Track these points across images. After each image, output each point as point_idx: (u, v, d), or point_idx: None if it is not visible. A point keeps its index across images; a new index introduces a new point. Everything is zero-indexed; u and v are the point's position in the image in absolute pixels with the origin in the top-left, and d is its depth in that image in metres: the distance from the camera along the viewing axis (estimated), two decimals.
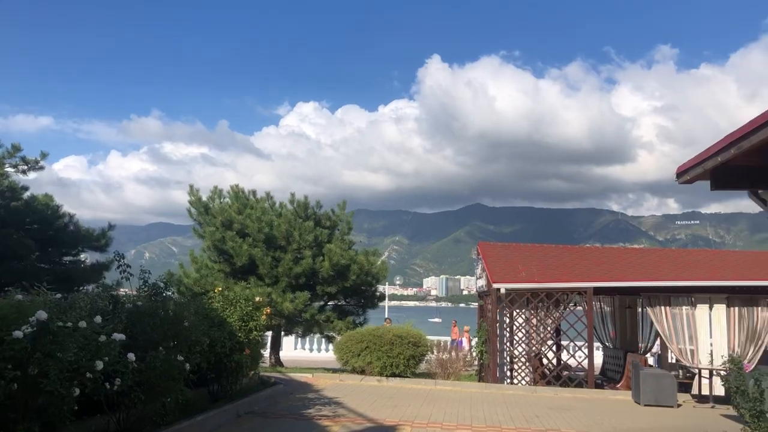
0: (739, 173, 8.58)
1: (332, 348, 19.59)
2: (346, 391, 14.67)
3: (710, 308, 17.66)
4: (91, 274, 17.63)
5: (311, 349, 28.22)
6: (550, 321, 19.06)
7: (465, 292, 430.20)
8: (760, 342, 17.66)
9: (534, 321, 18.88)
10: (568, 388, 17.35)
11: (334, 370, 18.65)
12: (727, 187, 8.74)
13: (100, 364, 6.50)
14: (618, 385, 19.71)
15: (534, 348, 18.90)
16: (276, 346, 20.38)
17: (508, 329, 19.09)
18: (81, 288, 14.97)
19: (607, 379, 20.79)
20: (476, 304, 23.44)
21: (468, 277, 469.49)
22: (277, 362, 19.64)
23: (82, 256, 17.93)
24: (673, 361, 20.61)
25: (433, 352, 17.89)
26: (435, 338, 22.00)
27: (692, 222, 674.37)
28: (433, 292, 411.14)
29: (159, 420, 8.23)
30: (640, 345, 22.63)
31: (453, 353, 18.26)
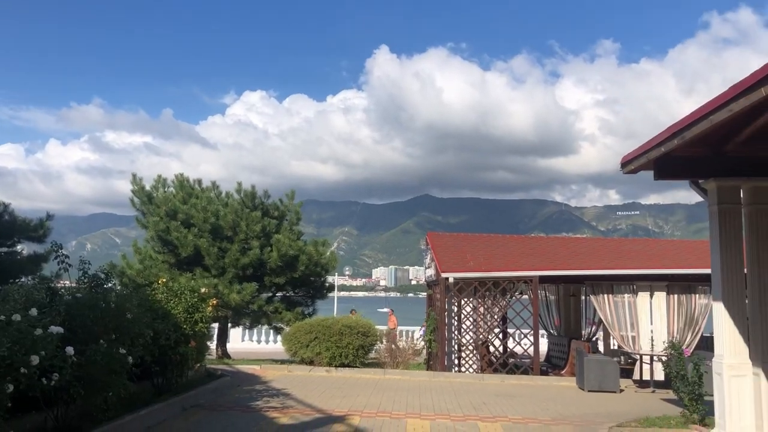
0: (681, 163, 8.80)
1: (280, 339, 19.40)
2: (295, 382, 14.55)
3: (651, 296, 18.19)
4: (27, 266, 16.95)
5: (259, 341, 27.93)
6: (497, 309, 19.30)
7: (414, 282, 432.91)
8: (697, 328, 18.28)
9: (481, 309, 19.10)
10: (514, 375, 17.61)
11: (283, 362, 18.48)
12: (670, 177, 8.94)
13: (35, 359, 6.24)
14: (562, 372, 20.11)
15: (481, 336, 19.12)
16: (223, 338, 20.07)
17: (456, 318, 19.26)
18: (17, 280, 14.37)
19: (551, 365, 21.17)
20: (425, 293, 23.57)
21: (417, 267, 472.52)
22: (224, 354, 19.35)
23: (19, 247, 17.22)
24: (615, 347, 21.19)
25: (382, 342, 17.90)
26: (384, 328, 22.03)
27: (632, 212, 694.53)
28: (382, 283, 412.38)
29: (100, 415, 7.97)
30: (583, 332, 23.17)
31: (400, 343, 18.29)
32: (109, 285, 8.66)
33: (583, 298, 23.22)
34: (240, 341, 26.37)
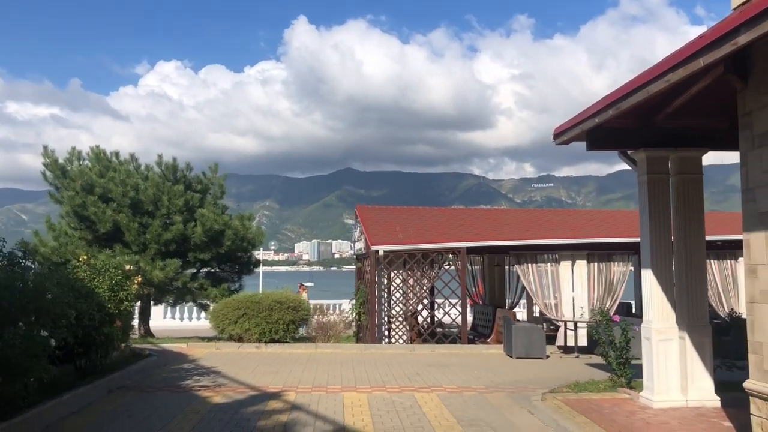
0: (612, 134, 8.96)
1: (206, 316, 18.93)
2: (225, 360, 14.21)
3: (572, 264, 18.74)
4: None
5: (181, 318, 27.24)
6: (426, 281, 19.45)
7: (337, 256, 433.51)
8: (615, 294, 19.01)
9: (411, 281, 19.19)
10: (443, 344, 17.84)
11: (210, 339, 18.04)
12: (602, 148, 9.10)
13: None
14: (488, 340, 20.56)
15: (411, 307, 19.24)
16: (145, 316, 19.38)
17: (386, 290, 19.28)
18: None
19: (477, 334, 21.59)
20: (348, 267, 23.55)
21: (340, 241, 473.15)
22: (147, 333, 18.70)
23: None
24: (538, 314, 21.83)
25: (313, 316, 17.73)
26: (314, 302, 21.86)
27: (547, 185, 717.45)
28: (305, 257, 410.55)
29: (20, 402, 7.47)
30: (507, 301, 23.74)
31: (331, 317, 18.17)
32: (27, 263, 8.08)
33: (507, 268, 23.78)
34: (162, 319, 25.60)
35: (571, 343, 16.80)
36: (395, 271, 19.05)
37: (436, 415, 8.79)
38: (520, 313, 23.47)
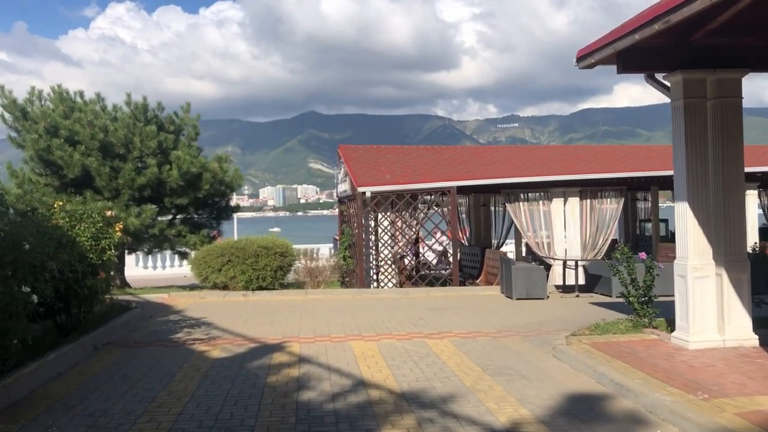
0: (645, 55, 8.18)
1: (181, 264, 17.97)
2: (212, 310, 13.41)
3: (564, 202, 18.22)
4: None
5: (155, 267, 26.23)
6: (415, 222, 18.77)
7: (303, 201, 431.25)
8: (607, 232, 18.62)
9: (399, 223, 18.48)
10: (437, 287, 17.31)
11: (192, 288, 17.19)
12: (634, 70, 8.34)
13: None
14: (477, 281, 20.13)
15: (399, 250, 18.59)
16: (120, 265, 18.33)
17: (373, 233, 18.55)
18: None
19: (464, 275, 21.10)
20: (315, 212, 22.87)
21: (305, 185, 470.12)
22: (123, 283, 17.73)
23: None
24: (525, 254, 21.41)
25: (300, 261, 16.95)
26: (300, 247, 21.07)
27: (511, 125, 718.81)
28: (270, 203, 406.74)
29: (1, 366, 6.60)
30: (493, 241, 23.29)
31: (319, 262, 17.42)
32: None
33: (492, 208, 23.25)
34: (134, 267, 24.56)
35: (569, 282, 16.39)
36: (382, 213, 18.30)
37: (457, 364, 8.17)
38: (510, 254, 23.03)
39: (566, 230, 18.16)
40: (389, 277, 18.23)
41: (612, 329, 9.42)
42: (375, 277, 18.31)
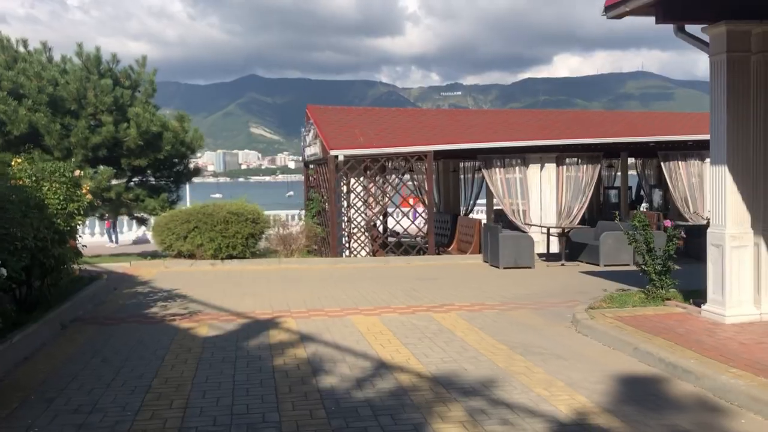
0: (686, 4, 7.47)
1: (135, 230, 16.71)
2: (182, 280, 12.33)
3: (541, 168, 17.71)
4: None
5: (102, 234, 24.64)
6: (390, 188, 17.92)
7: (244, 167, 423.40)
8: (584, 199, 18.23)
9: (373, 189, 17.60)
10: (413, 256, 16.58)
11: (153, 256, 15.94)
12: (674, 19, 7.61)
13: None
14: (449, 249, 19.53)
15: (374, 217, 17.74)
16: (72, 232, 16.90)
17: (345, 199, 17.60)
18: None
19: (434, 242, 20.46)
20: (257, 178, 21.84)
21: (247, 151, 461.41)
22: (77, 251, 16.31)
23: None
24: (493, 222, 20.86)
25: (273, 229, 15.90)
26: (271, 213, 19.97)
27: (455, 93, 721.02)
28: (210, 168, 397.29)
29: None
30: (461, 208, 22.69)
31: (293, 228, 16.40)
32: None
33: (462, 175, 22.59)
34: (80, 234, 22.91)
35: (553, 250, 15.92)
36: (356, 179, 17.36)
37: (478, 342, 7.45)
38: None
39: (542, 197, 17.70)
40: (363, 245, 17.40)
41: (629, 301, 8.87)
42: (347, 245, 17.42)
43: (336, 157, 16.53)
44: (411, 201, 22.21)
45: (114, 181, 16.32)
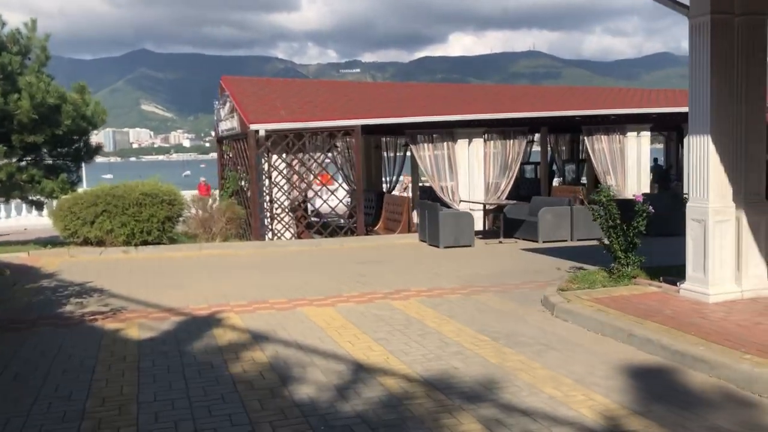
0: None
1: (46, 216, 14.89)
2: (92, 271, 10.91)
3: (469, 143, 17.24)
4: None
5: None
6: (315, 165, 16.90)
7: (135, 146, 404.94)
8: (510, 174, 17.97)
9: (297, 166, 16.52)
10: (342, 237, 15.70)
11: (53, 244, 14.20)
12: None
13: None
14: (376, 228, 18.79)
15: (299, 196, 16.68)
16: None
17: (267, 178, 16.41)
18: None
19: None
20: (149, 157, 20.42)
21: (138, 129, 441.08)
22: None
23: None
24: (420, 198, 20.29)
25: (191, 210, 14.52)
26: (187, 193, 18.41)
27: (354, 70, 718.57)
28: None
29: None
30: (384, 186, 21.98)
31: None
32: None
33: (384, 153, 21.84)
34: None
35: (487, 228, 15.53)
36: (278, 155, 16.21)
37: (455, 333, 6.72)
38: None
39: (470, 173, 17.25)
40: (287, 226, 16.32)
41: (597, 281, 8.41)
42: (270, 227, 16.29)
43: (257, 132, 15.33)
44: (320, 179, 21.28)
45: (3, 161, 14.37)
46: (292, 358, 5.96)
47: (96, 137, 17.05)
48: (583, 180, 23.58)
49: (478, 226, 15.36)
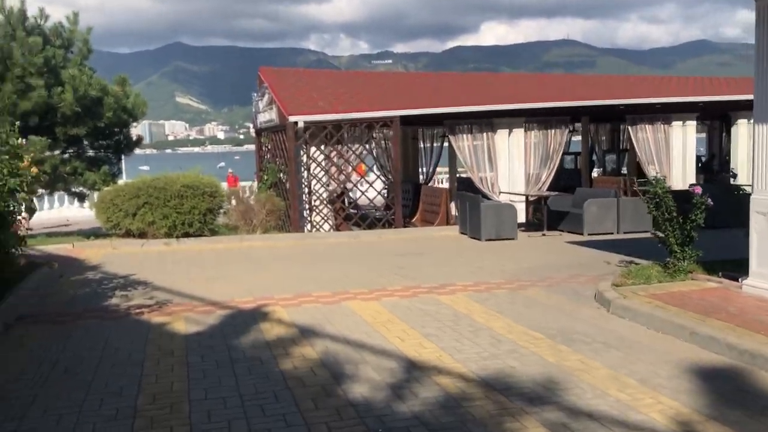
0: None
1: (89, 208, 15.06)
2: (136, 263, 10.92)
3: (509, 134, 16.92)
4: None
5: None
6: (353, 157, 16.76)
7: (171, 138, 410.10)
8: (552, 164, 17.62)
9: (335, 158, 16.40)
10: (380, 229, 15.55)
11: (97, 236, 14.32)
12: None
13: None
14: (412, 220, 18.60)
15: (338, 188, 16.57)
16: None
17: (305, 169, 16.33)
18: None
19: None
20: (185, 149, 20.30)
21: (173, 121, 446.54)
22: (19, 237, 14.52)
23: None
24: (457, 190, 20.03)
25: (230, 203, 14.51)
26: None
27: (386, 61, 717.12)
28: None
29: None
30: (421, 177, 21.77)
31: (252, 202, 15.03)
32: None
33: (421, 144, 21.62)
34: None
35: (521, 219, 15.19)
36: (316, 147, 16.11)
37: (507, 330, 6.51)
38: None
39: (510, 164, 16.94)
40: (325, 218, 16.24)
41: (652, 276, 8.11)
42: (308, 219, 16.22)
43: (295, 123, 15.26)
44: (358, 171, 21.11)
45: (47, 153, 14.55)
46: (342, 355, 5.82)
47: (134, 129, 17.19)
48: (624, 170, 23.04)
49: (520, 218, 15.08)
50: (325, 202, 16.20)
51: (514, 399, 4.71)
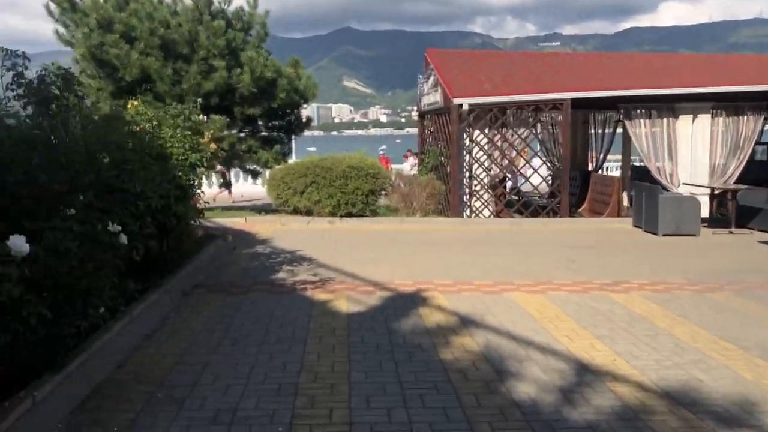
0: None
1: (261, 184, 15.85)
2: (302, 240, 11.25)
3: (693, 120, 15.46)
4: None
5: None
6: (518, 141, 16.19)
7: (337, 120, 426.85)
8: (742, 155, 15.96)
9: (499, 142, 15.91)
10: (543, 218, 14.89)
11: (267, 211, 15.03)
12: None
13: None
14: (580, 209, 17.67)
15: (501, 173, 16.10)
16: None
17: (468, 153, 16.01)
18: None
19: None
20: (349, 132, 20.39)
21: (340, 104, 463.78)
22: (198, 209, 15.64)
23: None
24: (631, 179, 18.71)
25: (393, 184, 14.59)
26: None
27: (553, 43, 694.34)
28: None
29: (71, 341, 4.43)
30: (590, 164, 20.66)
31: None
32: (67, 102, 4.69)
33: (592, 131, 20.48)
34: None
35: (704, 214, 13.85)
36: (479, 130, 15.70)
37: (690, 336, 5.83)
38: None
39: (693, 153, 15.51)
40: (485, 204, 15.84)
41: None
42: (468, 203, 15.91)
43: (460, 106, 14.96)
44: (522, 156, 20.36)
45: (226, 132, 15.45)
46: (506, 349, 5.51)
47: (304, 111, 17.78)
48: None
49: (703, 212, 13.78)
50: (486, 187, 15.79)
51: (703, 417, 4.16)
